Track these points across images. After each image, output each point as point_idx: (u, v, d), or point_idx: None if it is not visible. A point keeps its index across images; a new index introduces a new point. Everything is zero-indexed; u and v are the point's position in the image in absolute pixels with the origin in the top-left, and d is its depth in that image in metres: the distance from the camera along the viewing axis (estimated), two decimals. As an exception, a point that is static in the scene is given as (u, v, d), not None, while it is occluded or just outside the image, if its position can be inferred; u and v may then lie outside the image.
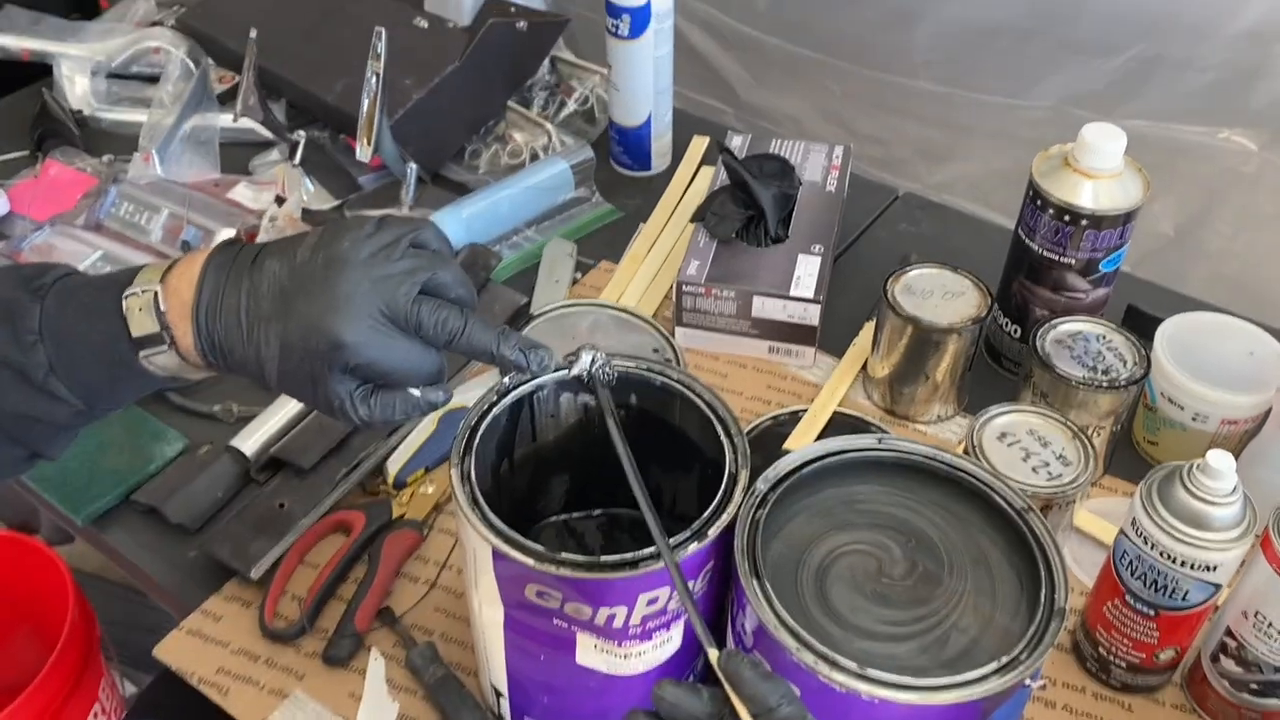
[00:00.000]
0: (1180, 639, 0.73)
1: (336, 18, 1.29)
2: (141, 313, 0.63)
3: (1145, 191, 0.89)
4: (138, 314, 0.63)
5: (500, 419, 0.71)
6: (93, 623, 1.35)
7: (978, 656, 0.58)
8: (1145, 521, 0.69)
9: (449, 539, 0.87)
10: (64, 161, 1.24)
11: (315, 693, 0.78)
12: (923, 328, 0.91)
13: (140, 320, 0.63)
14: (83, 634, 1.30)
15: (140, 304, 0.63)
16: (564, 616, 0.63)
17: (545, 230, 1.18)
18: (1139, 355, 0.87)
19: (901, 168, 1.45)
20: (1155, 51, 1.21)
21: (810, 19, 1.42)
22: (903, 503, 0.67)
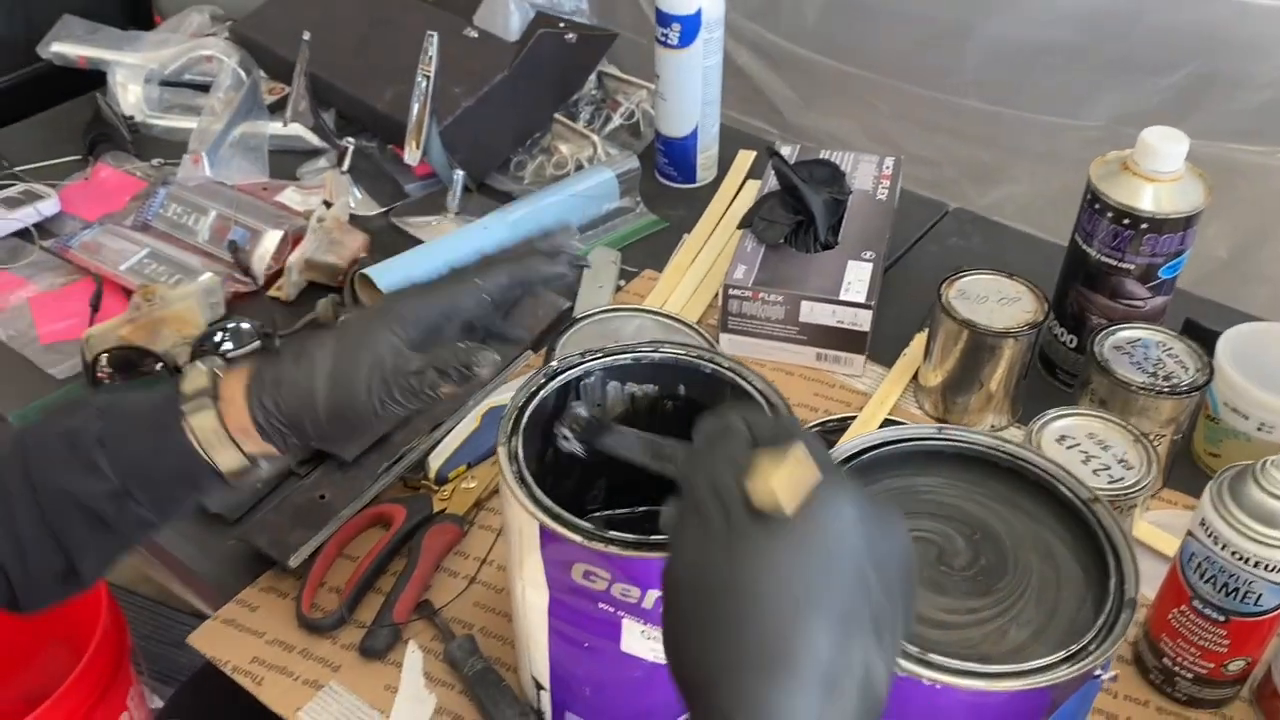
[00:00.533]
0: (1251, 649, 0.70)
1: (386, 28, 1.30)
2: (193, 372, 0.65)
3: (1207, 196, 0.87)
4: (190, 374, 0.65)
5: (547, 403, 0.70)
6: (124, 630, 1.34)
7: (1043, 646, 0.56)
8: (1216, 520, 0.66)
9: (490, 535, 0.86)
10: (114, 165, 1.25)
11: (351, 685, 0.76)
12: (978, 332, 0.89)
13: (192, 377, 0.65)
14: (114, 640, 1.30)
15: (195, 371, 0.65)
16: (611, 600, 0.62)
17: (589, 239, 1.17)
18: (1201, 362, 0.85)
19: (950, 189, 1.44)
20: (1210, 69, 1.20)
21: (859, 38, 1.42)
22: (964, 494, 0.64)
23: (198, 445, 0.63)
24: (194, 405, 0.63)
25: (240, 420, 0.63)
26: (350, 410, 0.62)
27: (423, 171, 1.23)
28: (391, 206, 1.21)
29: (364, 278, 1.01)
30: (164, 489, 0.65)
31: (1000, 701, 0.54)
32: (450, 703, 0.75)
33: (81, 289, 1.08)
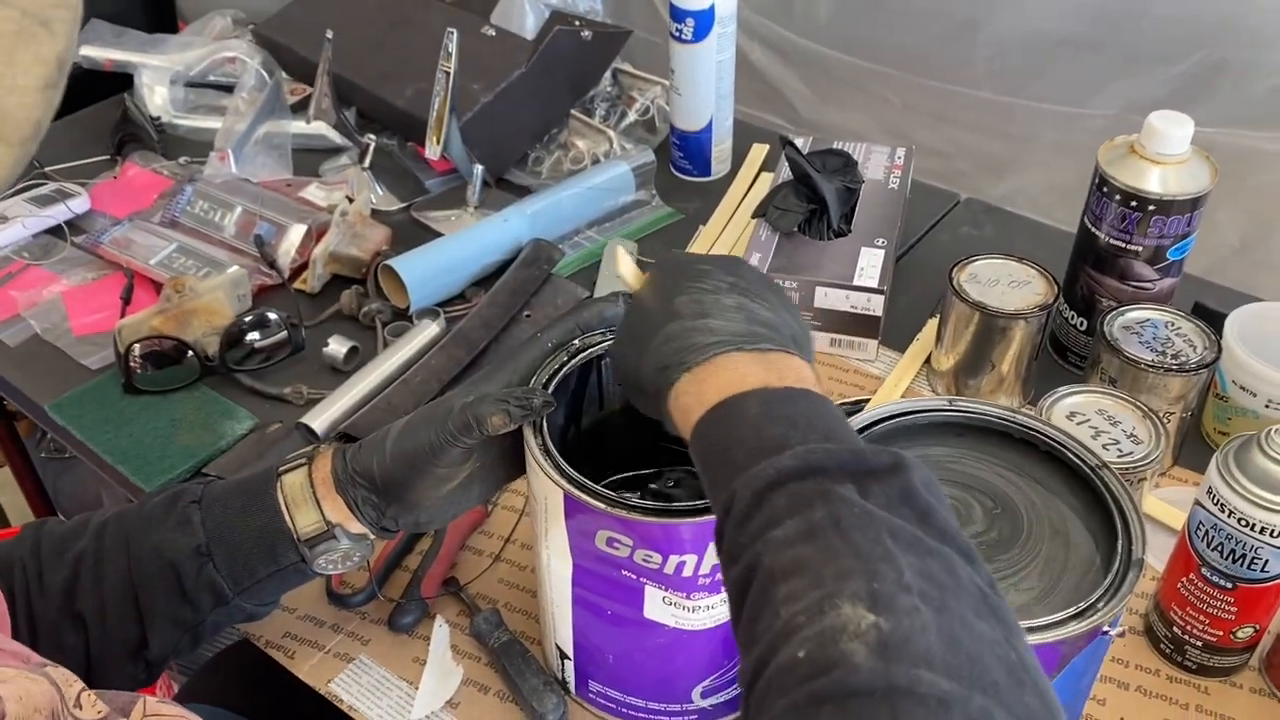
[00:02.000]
0: (1259, 615, 0.72)
1: (406, 28, 1.32)
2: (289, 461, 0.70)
3: (1213, 178, 0.89)
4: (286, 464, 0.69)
5: (570, 380, 0.72)
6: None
7: (1054, 604, 0.57)
8: (1223, 488, 0.68)
9: (513, 515, 0.88)
10: (142, 164, 1.28)
11: (380, 658, 0.78)
12: (989, 314, 0.90)
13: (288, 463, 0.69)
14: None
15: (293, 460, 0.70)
16: (633, 567, 0.64)
17: (606, 231, 1.19)
18: (1209, 341, 0.86)
19: (963, 181, 1.45)
20: (1219, 57, 1.21)
21: (872, 32, 1.43)
22: (977, 462, 0.66)
23: (282, 502, 0.67)
24: (290, 466, 0.69)
25: (323, 472, 0.68)
26: (410, 444, 0.66)
27: (442, 167, 1.25)
28: (412, 201, 1.23)
29: (387, 269, 1.04)
30: (243, 554, 0.67)
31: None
32: (477, 674, 0.77)
33: (112, 283, 1.11)
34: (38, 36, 0.46)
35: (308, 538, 0.67)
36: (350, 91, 1.30)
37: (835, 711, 0.39)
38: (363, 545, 0.69)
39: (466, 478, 0.67)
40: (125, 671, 0.69)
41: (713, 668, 0.70)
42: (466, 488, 0.68)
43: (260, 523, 0.67)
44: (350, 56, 1.30)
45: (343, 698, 0.76)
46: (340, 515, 0.68)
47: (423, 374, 0.95)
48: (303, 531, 0.67)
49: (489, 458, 0.68)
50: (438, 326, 1.02)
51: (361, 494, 0.67)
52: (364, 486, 0.67)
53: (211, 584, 0.67)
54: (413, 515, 0.68)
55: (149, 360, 0.98)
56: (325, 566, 0.69)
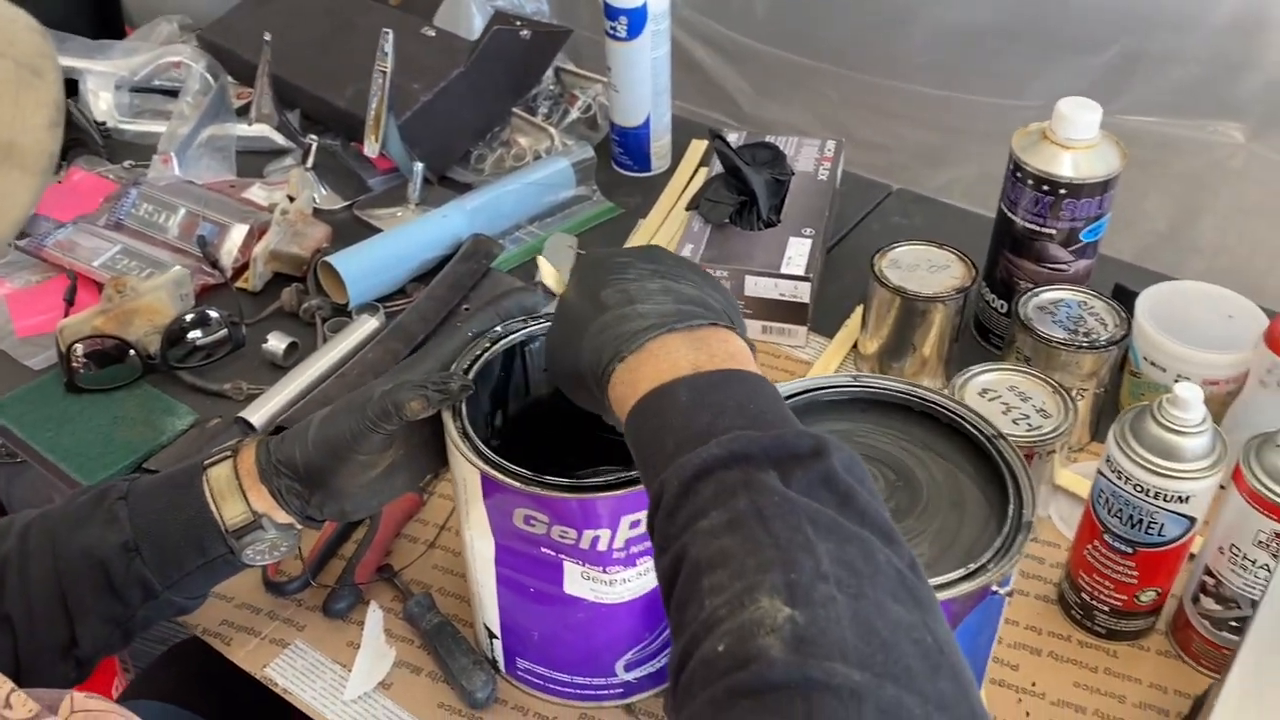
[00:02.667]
0: (1160, 579, 0.75)
1: (348, 30, 1.34)
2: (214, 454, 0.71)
3: (1122, 161, 0.92)
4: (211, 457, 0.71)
5: (493, 367, 0.74)
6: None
7: (946, 566, 0.60)
8: (1120, 457, 0.71)
9: (448, 503, 0.90)
10: (87, 169, 1.29)
11: (315, 643, 0.80)
12: (908, 298, 0.93)
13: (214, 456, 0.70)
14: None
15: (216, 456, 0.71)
16: (551, 543, 0.66)
17: (547, 226, 1.21)
18: (1119, 319, 0.90)
19: (901, 173, 1.48)
20: (1139, 46, 1.25)
21: (806, 27, 1.46)
22: (884, 436, 0.69)
23: (209, 495, 0.68)
24: (215, 459, 0.70)
25: (247, 463, 0.69)
26: (332, 432, 0.67)
27: (385, 166, 1.27)
28: (355, 200, 1.25)
29: (326, 265, 1.06)
30: (171, 548, 0.68)
31: (905, 617, 0.58)
32: (409, 656, 0.79)
33: (56, 285, 1.12)
34: (34, 84, 0.54)
35: (235, 529, 0.68)
36: (293, 93, 1.32)
37: (752, 706, 0.40)
38: (290, 535, 0.70)
39: (390, 465, 0.69)
40: (56, 670, 0.69)
41: (634, 640, 0.72)
42: (390, 476, 0.69)
43: (187, 516, 0.68)
44: (293, 59, 1.31)
45: (277, 681, 0.77)
46: (266, 505, 0.69)
47: (359, 368, 0.97)
48: (230, 523, 0.68)
49: (412, 445, 0.69)
50: (376, 321, 1.04)
51: (285, 483, 0.68)
52: (288, 476, 0.68)
53: (140, 579, 0.68)
54: (337, 504, 0.69)
55: (91, 359, 1.00)
56: (253, 557, 0.70)
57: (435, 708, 0.76)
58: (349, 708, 0.76)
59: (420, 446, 0.70)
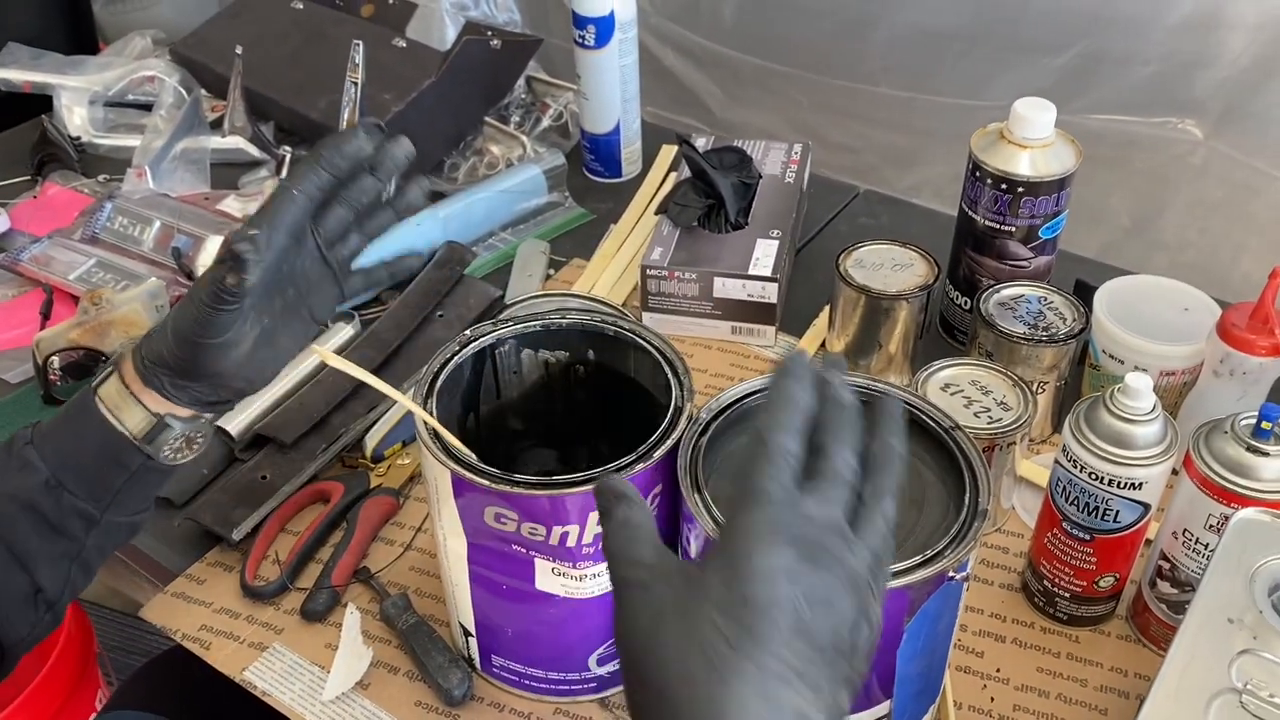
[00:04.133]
0: (1118, 565, 0.77)
1: (319, 41, 1.36)
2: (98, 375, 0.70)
3: (1078, 159, 0.94)
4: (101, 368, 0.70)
5: (463, 370, 0.75)
6: (89, 634, 1.38)
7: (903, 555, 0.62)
8: (1074, 446, 0.73)
9: (424, 506, 0.91)
10: (62, 183, 1.30)
11: (293, 645, 0.81)
12: (873, 296, 0.95)
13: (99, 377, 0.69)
14: (79, 644, 1.34)
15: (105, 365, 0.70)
16: (521, 540, 0.67)
17: (520, 233, 1.23)
18: (1078, 313, 0.92)
19: (871, 175, 1.50)
20: (1098, 47, 1.27)
21: (774, 33, 1.48)
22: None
23: (107, 413, 0.67)
24: (101, 379, 0.69)
25: (130, 372, 0.68)
26: (182, 324, 0.65)
27: (359, 176, 1.28)
28: (330, 210, 1.26)
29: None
30: (92, 472, 0.68)
31: (864, 604, 0.60)
32: (386, 656, 0.80)
33: (32, 299, 1.13)
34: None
35: (141, 434, 0.68)
36: (267, 105, 1.33)
37: None
38: (200, 425, 0.70)
39: (261, 336, 0.67)
40: (29, 619, 0.70)
41: (606, 635, 0.73)
42: (265, 345, 0.68)
43: (96, 439, 0.68)
44: (266, 72, 1.33)
45: (256, 684, 0.78)
46: (163, 405, 0.68)
47: (336, 374, 0.98)
48: (135, 430, 0.67)
49: (275, 310, 0.68)
50: (352, 328, 1.05)
51: (167, 380, 0.67)
52: (165, 373, 0.67)
53: (75, 509, 0.68)
54: (224, 386, 0.68)
55: (68, 371, 1.01)
56: (173, 456, 0.69)
57: (413, 706, 0.77)
58: (328, 708, 0.77)
59: (286, 308, 0.69)
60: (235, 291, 0.63)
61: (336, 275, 0.72)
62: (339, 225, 0.70)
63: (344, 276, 0.73)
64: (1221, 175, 1.28)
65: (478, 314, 1.09)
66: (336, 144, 0.67)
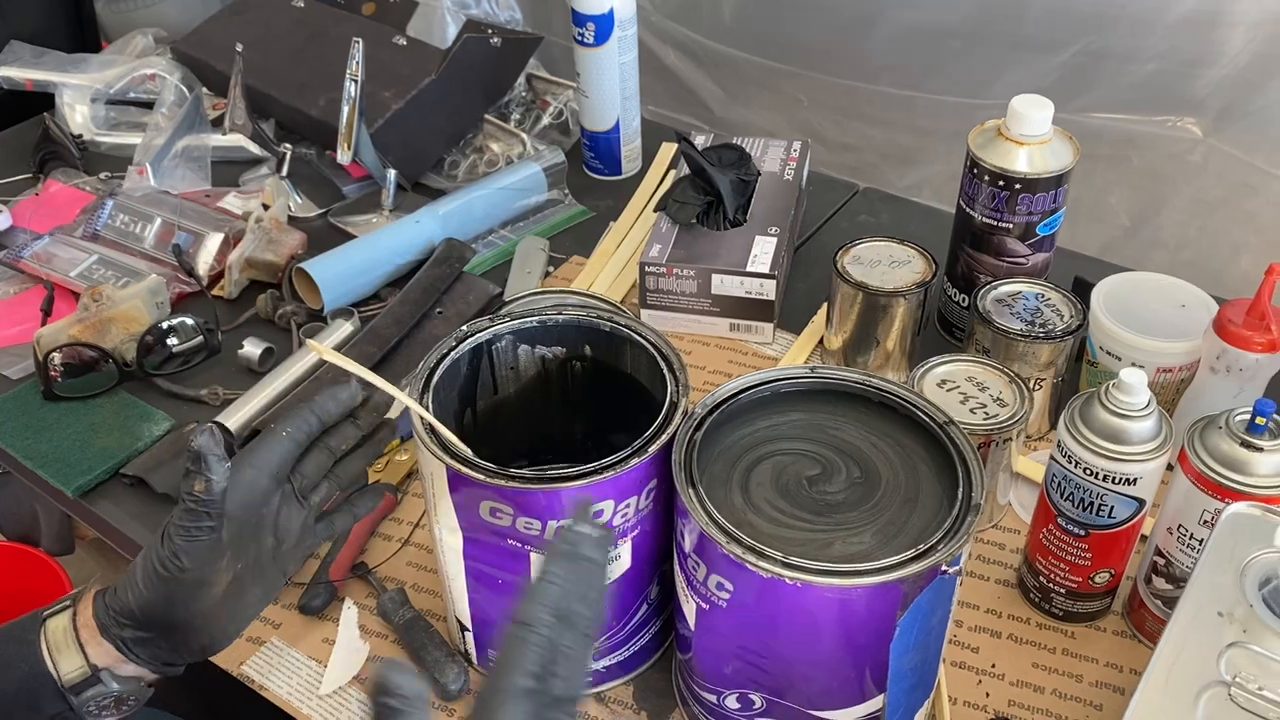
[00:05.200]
0: (1113, 561, 0.77)
1: (321, 40, 1.36)
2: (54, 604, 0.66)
3: (1075, 156, 0.94)
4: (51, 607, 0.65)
5: (460, 365, 0.76)
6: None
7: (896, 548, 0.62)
8: (1069, 442, 0.73)
9: (423, 502, 0.91)
10: (64, 181, 1.30)
11: (291, 640, 0.81)
12: (870, 293, 0.95)
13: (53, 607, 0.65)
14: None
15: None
16: (516, 535, 0.67)
17: (519, 230, 1.23)
18: (1075, 310, 0.92)
19: (871, 173, 1.51)
20: (1099, 45, 1.27)
21: (774, 30, 1.49)
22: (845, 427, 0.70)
23: (45, 651, 0.63)
24: (54, 610, 0.65)
25: (85, 615, 0.64)
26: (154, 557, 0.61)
27: (359, 173, 1.29)
28: (330, 207, 1.26)
29: (300, 271, 1.07)
30: (4, 707, 0.63)
31: (859, 597, 0.60)
32: (383, 650, 0.80)
33: (34, 296, 1.13)
34: None
35: (71, 684, 0.63)
36: (267, 103, 1.33)
37: None
38: (137, 686, 0.65)
39: (232, 582, 0.63)
40: None
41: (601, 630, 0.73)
42: (238, 593, 0.64)
43: (22, 672, 0.63)
44: (267, 69, 1.33)
45: (254, 678, 0.79)
46: (108, 658, 0.63)
47: (335, 371, 0.98)
48: (65, 678, 0.63)
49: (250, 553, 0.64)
50: (351, 325, 1.06)
51: (129, 634, 0.63)
52: (129, 625, 0.63)
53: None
54: (192, 639, 0.64)
55: (68, 368, 1.01)
56: (97, 714, 0.64)
57: (409, 700, 0.77)
58: (324, 702, 0.77)
59: (260, 556, 0.65)
60: (205, 500, 0.60)
61: (310, 529, 0.68)
62: (317, 471, 0.67)
63: (312, 525, 0.68)
64: (1221, 173, 1.28)
65: (477, 310, 1.10)
66: (334, 393, 0.67)
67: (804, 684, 0.66)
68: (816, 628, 0.62)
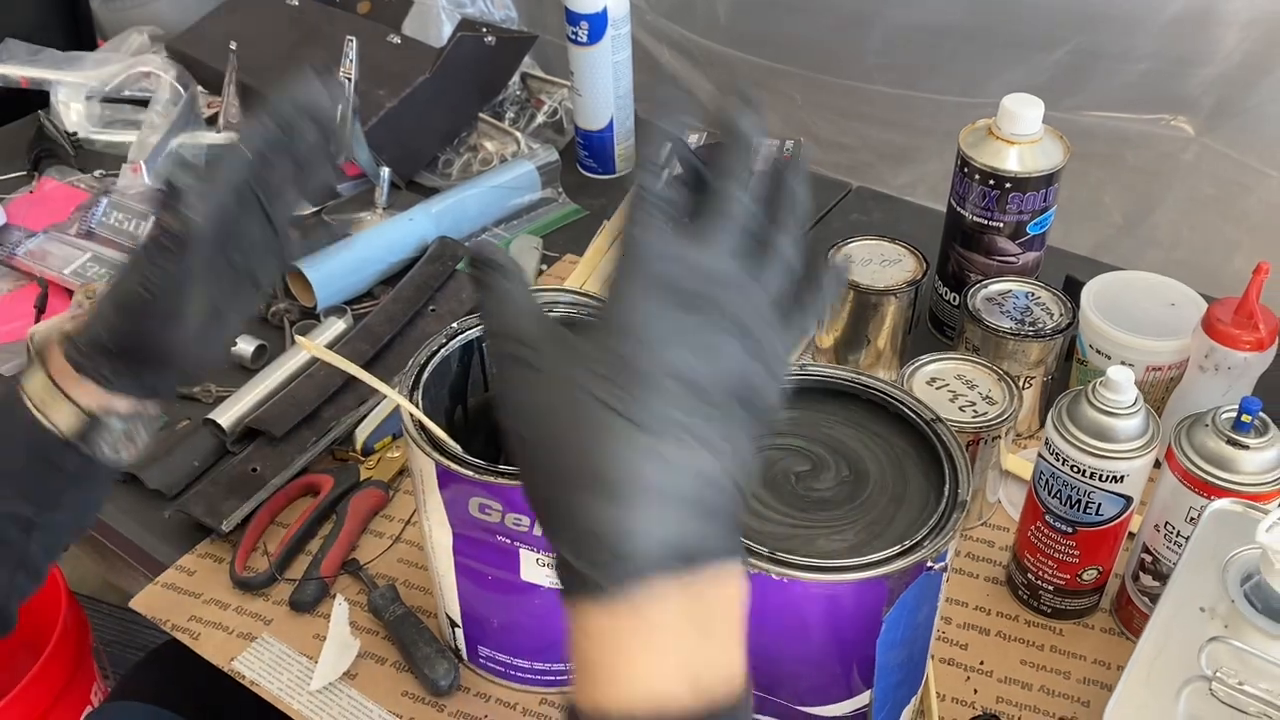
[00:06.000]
0: (1101, 558, 0.77)
1: (316, 38, 1.36)
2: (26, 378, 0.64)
3: (1065, 155, 0.94)
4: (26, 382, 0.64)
5: (450, 362, 0.76)
6: (85, 628, 1.39)
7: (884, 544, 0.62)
8: (1057, 439, 0.73)
9: (414, 499, 0.92)
10: (59, 178, 1.30)
11: (282, 636, 0.82)
12: (861, 291, 0.95)
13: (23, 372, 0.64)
14: (74, 637, 1.35)
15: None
16: (506, 531, 0.68)
17: (513, 229, 1.23)
18: (1065, 308, 0.92)
19: (865, 172, 1.51)
20: (1092, 44, 1.27)
21: (769, 29, 1.49)
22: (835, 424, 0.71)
23: (34, 411, 0.62)
24: (26, 375, 0.63)
25: (59, 364, 0.62)
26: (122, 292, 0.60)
27: (353, 172, 1.29)
28: (324, 205, 1.27)
29: (293, 269, 1.07)
30: (24, 475, 0.63)
31: (845, 592, 0.60)
32: (374, 647, 0.81)
33: (28, 293, 1.13)
34: None
35: (73, 433, 0.62)
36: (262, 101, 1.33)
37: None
38: (142, 420, 0.64)
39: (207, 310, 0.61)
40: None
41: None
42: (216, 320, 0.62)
43: (24, 440, 0.62)
44: (261, 67, 1.34)
45: (245, 674, 0.79)
46: (96, 398, 0.62)
47: (326, 368, 0.98)
48: (66, 430, 0.62)
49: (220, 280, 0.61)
50: (344, 323, 1.06)
51: (106, 368, 0.61)
52: (104, 359, 0.61)
53: (8, 514, 0.63)
54: (170, 368, 0.63)
55: (61, 365, 1.01)
56: (112, 454, 0.63)
57: (399, 696, 0.78)
58: (315, 698, 0.78)
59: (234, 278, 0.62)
60: (178, 235, 0.57)
61: (278, 235, 0.64)
62: (281, 181, 0.63)
63: (285, 237, 0.65)
64: (1213, 172, 1.28)
65: (469, 308, 1.10)
66: (290, 94, 0.62)
67: (791, 680, 0.66)
68: (803, 623, 0.62)
